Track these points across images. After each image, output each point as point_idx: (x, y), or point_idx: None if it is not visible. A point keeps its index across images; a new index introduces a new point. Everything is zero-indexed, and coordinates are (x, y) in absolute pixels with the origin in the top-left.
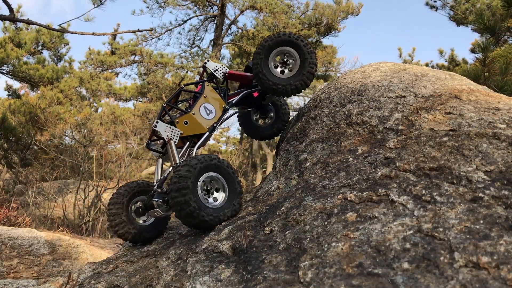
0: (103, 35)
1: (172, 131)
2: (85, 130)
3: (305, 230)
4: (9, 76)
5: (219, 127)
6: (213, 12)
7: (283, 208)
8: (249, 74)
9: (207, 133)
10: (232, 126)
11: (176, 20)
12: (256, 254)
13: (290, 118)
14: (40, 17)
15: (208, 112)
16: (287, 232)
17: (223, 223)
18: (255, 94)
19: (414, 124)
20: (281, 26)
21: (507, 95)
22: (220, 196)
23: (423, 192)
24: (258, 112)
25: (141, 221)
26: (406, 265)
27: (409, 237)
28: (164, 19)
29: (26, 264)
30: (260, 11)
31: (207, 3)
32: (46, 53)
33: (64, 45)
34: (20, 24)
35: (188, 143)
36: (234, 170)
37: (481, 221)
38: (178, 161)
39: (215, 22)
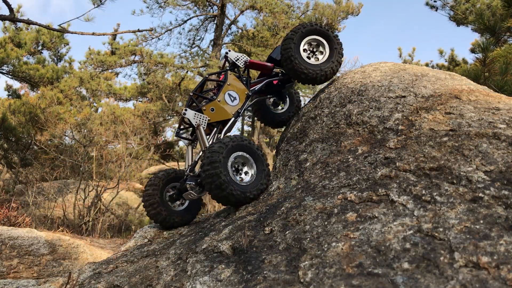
0: (103, 35)
1: (200, 118)
2: (85, 130)
3: (305, 230)
4: (9, 76)
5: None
6: (213, 12)
7: (283, 208)
8: (269, 64)
9: (233, 118)
10: None
11: (176, 20)
12: (256, 254)
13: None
14: (39, 16)
15: (232, 99)
16: (287, 232)
17: (222, 223)
18: (275, 82)
19: (414, 124)
20: (281, 26)
21: (507, 95)
22: (248, 175)
23: (423, 192)
24: (274, 100)
25: (174, 206)
26: (406, 265)
27: (409, 237)
28: (164, 19)
29: (26, 264)
30: (260, 11)
31: (207, 3)
32: (46, 53)
33: (64, 45)
34: (20, 24)
35: (215, 129)
36: (263, 153)
37: (481, 221)
38: (207, 145)
39: (215, 22)
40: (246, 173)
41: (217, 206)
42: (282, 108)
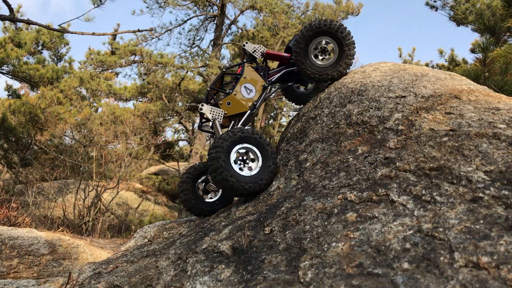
0: (103, 35)
1: (216, 112)
2: (85, 130)
3: (305, 230)
4: (9, 76)
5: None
6: (213, 12)
7: (283, 208)
8: (285, 54)
9: (249, 111)
10: None
11: (176, 20)
12: (256, 254)
13: (291, 118)
14: (39, 16)
15: (248, 91)
16: (287, 232)
17: (222, 223)
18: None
19: (414, 124)
20: (281, 26)
21: (507, 95)
22: (253, 168)
23: (423, 192)
24: (299, 84)
25: (207, 198)
26: (406, 265)
27: (409, 237)
28: (164, 19)
29: (26, 264)
30: (260, 11)
31: (207, 3)
32: (46, 53)
33: (64, 45)
34: (20, 24)
35: (233, 121)
36: (274, 151)
37: (481, 221)
38: None
39: (215, 22)
40: (249, 167)
41: None
42: (307, 90)
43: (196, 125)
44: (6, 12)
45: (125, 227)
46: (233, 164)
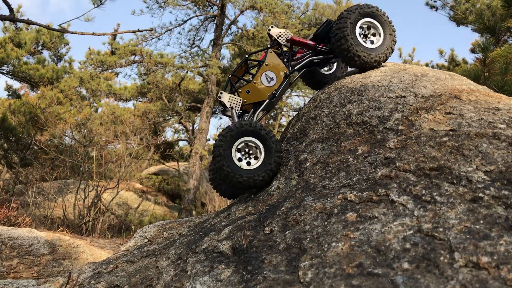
0: (103, 35)
1: (234, 101)
2: (85, 130)
3: (305, 230)
4: (9, 76)
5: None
6: (213, 12)
7: (283, 208)
8: (311, 42)
9: (267, 100)
10: None
11: (176, 20)
12: (256, 254)
13: (291, 118)
14: (38, 16)
15: (269, 79)
16: (287, 232)
17: (222, 223)
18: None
19: (414, 124)
20: (281, 26)
21: (507, 95)
22: (253, 162)
23: (423, 192)
24: (321, 67)
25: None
26: (406, 265)
27: (409, 237)
28: (164, 19)
29: (26, 264)
30: (260, 11)
31: (207, 3)
32: (46, 53)
33: (64, 45)
34: (20, 24)
35: (252, 109)
36: (278, 149)
37: (481, 221)
38: None
39: (215, 22)
40: (248, 161)
41: (217, 206)
42: (329, 70)
43: (196, 125)
44: (6, 12)
45: (125, 227)
46: (233, 155)
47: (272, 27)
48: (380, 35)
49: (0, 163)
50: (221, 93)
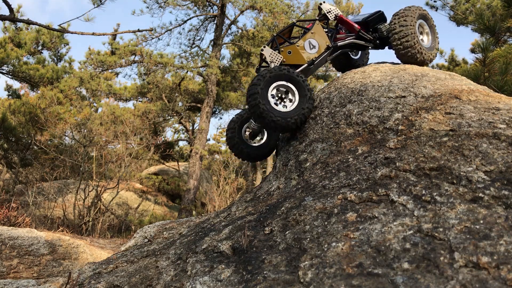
0: (103, 35)
1: (275, 56)
2: (85, 130)
3: (305, 230)
4: (9, 76)
5: (320, 65)
6: (213, 12)
7: (283, 208)
8: (356, 25)
9: (306, 65)
10: None
11: (176, 20)
12: (256, 254)
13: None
14: (37, 15)
15: (311, 46)
16: (287, 232)
17: (222, 223)
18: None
19: (414, 124)
20: (281, 26)
21: (507, 95)
22: (292, 102)
23: (423, 192)
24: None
25: (253, 143)
26: (406, 265)
27: (409, 237)
28: (164, 19)
29: (26, 264)
30: (260, 11)
31: (207, 3)
32: (46, 53)
33: (64, 45)
34: (20, 24)
35: None
36: (305, 80)
37: (481, 221)
38: None
39: (215, 22)
40: (285, 105)
41: (217, 206)
42: (356, 55)
43: (196, 125)
44: (6, 12)
45: (125, 227)
46: (269, 96)
47: (324, 1)
48: (429, 36)
49: (0, 163)
50: (264, 47)
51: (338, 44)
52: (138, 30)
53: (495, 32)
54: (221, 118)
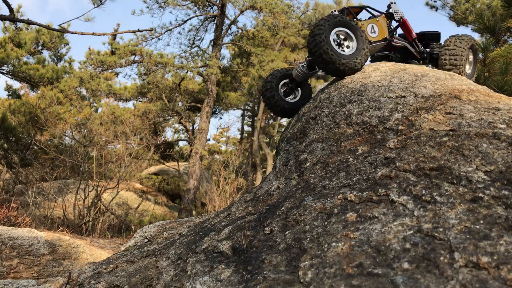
0: (103, 35)
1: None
2: (85, 130)
3: (305, 230)
4: (9, 76)
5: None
6: (213, 12)
7: (283, 208)
8: (414, 33)
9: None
10: (232, 126)
11: (176, 20)
12: (256, 254)
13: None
14: (37, 15)
15: (372, 31)
16: (287, 232)
17: (222, 223)
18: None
19: (414, 124)
20: (281, 26)
21: (507, 95)
22: (350, 47)
23: (423, 192)
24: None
25: (288, 99)
26: (406, 265)
27: (409, 237)
28: (164, 19)
29: (26, 264)
30: (260, 11)
31: (207, 3)
32: (46, 53)
33: (64, 45)
34: (20, 24)
35: None
36: (362, 28)
37: (481, 221)
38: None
39: (215, 22)
40: (347, 45)
41: (217, 206)
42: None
43: (196, 125)
44: (6, 12)
45: (125, 227)
46: (332, 42)
47: (394, 2)
48: (471, 66)
49: (0, 163)
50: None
51: (394, 42)
52: (138, 30)
53: (495, 32)
54: (221, 118)
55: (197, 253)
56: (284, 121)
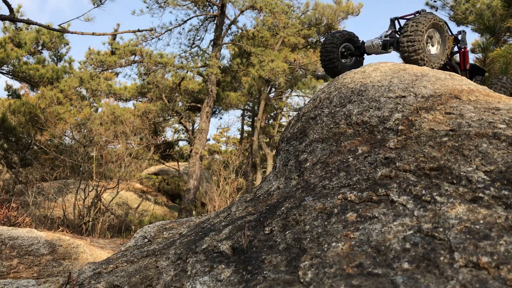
0: (103, 35)
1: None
2: (85, 130)
3: (305, 230)
4: (9, 76)
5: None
6: (213, 12)
7: (283, 208)
8: (468, 64)
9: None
10: (232, 126)
11: (176, 20)
12: (256, 254)
13: (291, 118)
14: (36, 15)
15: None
16: (287, 232)
17: (222, 223)
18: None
19: (414, 124)
20: (281, 26)
21: None
22: (435, 47)
23: (423, 192)
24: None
25: (344, 61)
26: (406, 265)
27: (409, 237)
28: (164, 19)
29: (26, 264)
30: (260, 11)
31: (207, 3)
32: (46, 53)
33: (64, 45)
34: (20, 24)
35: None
36: (451, 35)
37: (481, 221)
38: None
39: (215, 22)
40: (434, 46)
41: (217, 206)
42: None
43: (196, 125)
44: (6, 12)
45: (125, 227)
46: (424, 42)
47: (464, 31)
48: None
49: (0, 163)
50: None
51: (448, 63)
52: (138, 30)
53: (495, 32)
54: (221, 118)
55: (197, 253)
56: (284, 121)
